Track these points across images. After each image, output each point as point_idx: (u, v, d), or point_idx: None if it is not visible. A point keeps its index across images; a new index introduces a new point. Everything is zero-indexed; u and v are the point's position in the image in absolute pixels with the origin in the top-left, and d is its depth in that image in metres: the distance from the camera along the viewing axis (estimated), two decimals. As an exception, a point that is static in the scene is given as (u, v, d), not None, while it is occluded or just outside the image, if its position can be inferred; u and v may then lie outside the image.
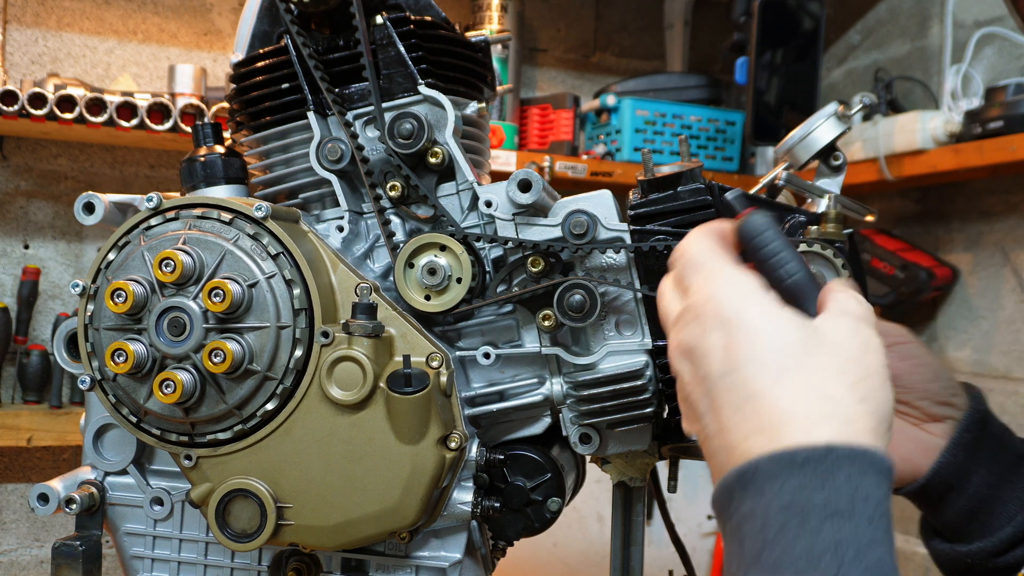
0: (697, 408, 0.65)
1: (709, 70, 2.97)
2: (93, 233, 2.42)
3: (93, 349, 0.90)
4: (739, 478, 0.60)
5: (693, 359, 0.65)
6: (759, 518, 0.58)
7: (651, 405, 0.93)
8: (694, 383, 0.65)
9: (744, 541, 0.59)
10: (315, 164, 0.96)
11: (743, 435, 0.61)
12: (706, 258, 0.68)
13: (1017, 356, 2.37)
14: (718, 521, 0.64)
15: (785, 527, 0.57)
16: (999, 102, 2.13)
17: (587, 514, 2.93)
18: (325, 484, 0.88)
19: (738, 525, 0.60)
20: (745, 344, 0.62)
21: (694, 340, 0.65)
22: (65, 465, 2.44)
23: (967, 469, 0.90)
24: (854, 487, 0.57)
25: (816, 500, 0.57)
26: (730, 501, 0.61)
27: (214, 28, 2.54)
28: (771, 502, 0.57)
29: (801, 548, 0.56)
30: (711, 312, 0.64)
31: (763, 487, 0.58)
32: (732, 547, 0.60)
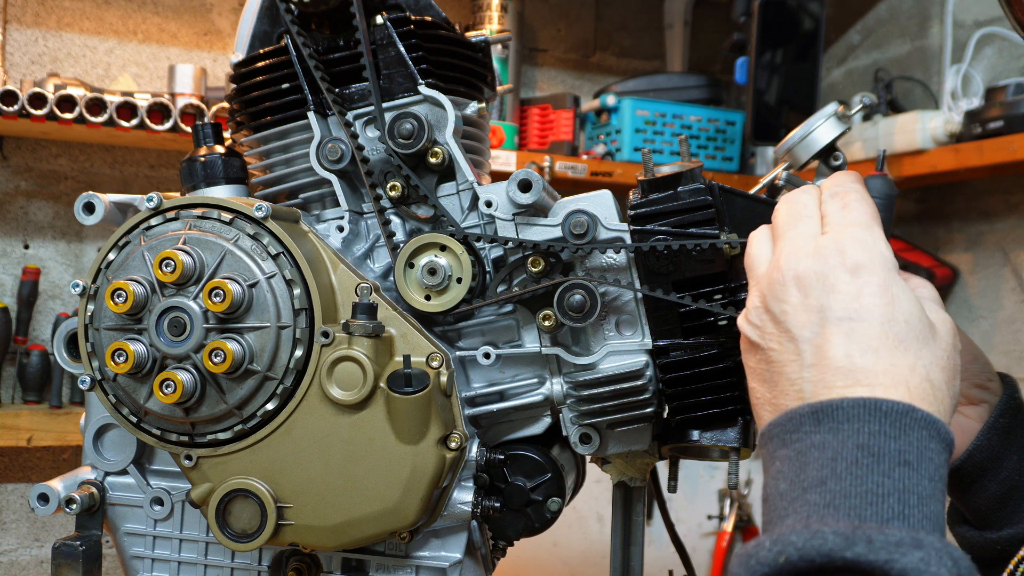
0: (795, 331, 0.68)
1: (709, 70, 2.97)
2: (93, 233, 2.42)
3: (93, 349, 0.90)
4: (815, 412, 0.64)
5: (813, 285, 0.68)
6: (831, 449, 0.62)
7: (651, 405, 0.93)
8: (803, 307, 0.68)
9: (807, 466, 0.62)
10: (315, 164, 0.96)
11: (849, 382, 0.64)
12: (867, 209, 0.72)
13: (1017, 356, 2.37)
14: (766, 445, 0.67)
15: (858, 463, 0.61)
16: (999, 102, 2.13)
17: (587, 514, 2.93)
18: (325, 484, 0.88)
19: (802, 451, 0.63)
20: (877, 301, 0.66)
21: (827, 268, 0.68)
22: (65, 465, 2.44)
23: (1001, 454, 0.90)
24: (923, 446, 0.62)
25: (891, 447, 0.61)
26: (797, 429, 0.64)
27: (214, 28, 2.54)
28: (847, 439, 0.62)
29: (870, 484, 0.60)
30: (855, 254, 0.68)
31: (841, 425, 0.62)
32: (786, 470, 0.64)
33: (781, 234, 0.73)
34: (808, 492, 0.62)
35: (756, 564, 0.59)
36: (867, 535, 0.57)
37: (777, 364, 0.69)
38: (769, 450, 0.67)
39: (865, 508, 0.59)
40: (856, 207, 0.72)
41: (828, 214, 0.72)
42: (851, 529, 0.57)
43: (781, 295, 0.69)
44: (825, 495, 0.61)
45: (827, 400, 0.64)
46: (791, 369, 0.68)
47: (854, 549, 0.56)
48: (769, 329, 0.70)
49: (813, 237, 0.71)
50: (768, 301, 0.70)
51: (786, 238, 0.72)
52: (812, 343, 0.67)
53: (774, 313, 0.70)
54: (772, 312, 0.70)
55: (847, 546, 0.56)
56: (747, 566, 0.59)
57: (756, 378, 0.71)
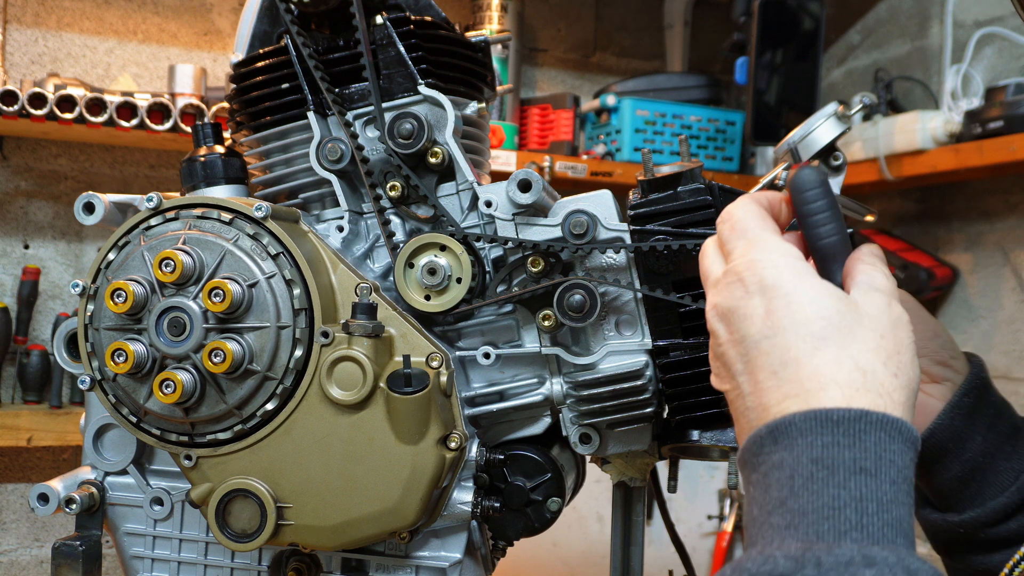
0: (731, 367, 0.68)
1: (709, 70, 2.97)
2: (93, 233, 2.41)
3: (93, 349, 0.90)
4: (772, 432, 0.63)
5: (731, 320, 0.68)
6: (788, 468, 0.61)
7: (651, 405, 0.93)
8: (730, 343, 0.69)
9: (770, 488, 0.62)
10: (315, 164, 0.96)
11: (779, 397, 0.64)
12: (751, 224, 0.71)
13: (1017, 356, 2.37)
14: (743, 473, 0.67)
15: (813, 477, 0.60)
16: (999, 102, 2.13)
17: (587, 514, 2.93)
18: (325, 484, 0.88)
19: (765, 474, 0.63)
20: (786, 311, 0.66)
21: (734, 302, 0.68)
22: (65, 465, 2.44)
23: (963, 434, 0.89)
24: (881, 450, 0.60)
25: (845, 457, 0.60)
26: (759, 451, 0.64)
27: (214, 28, 2.54)
28: (802, 454, 0.61)
29: (826, 498, 0.59)
30: (753, 277, 0.68)
31: (795, 440, 0.62)
32: (757, 495, 0.63)
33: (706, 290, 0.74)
34: (772, 515, 0.61)
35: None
36: (816, 557, 0.56)
37: (733, 402, 0.70)
38: (744, 476, 0.67)
39: (821, 523, 0.59)
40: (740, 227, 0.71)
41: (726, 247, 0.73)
42: (801, 551, 0.57)
43: (717, 337, 0.71)
44: (785, 515, 0.60)
45: (780, 417, 0.63)
46: (739, 404, 0.68)
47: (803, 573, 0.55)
48: (721, 373, 0.71)
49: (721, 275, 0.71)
50: (713, 348, 0.72)
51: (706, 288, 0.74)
52: (745, 374, 0.67)
53: (717, 355, 0.71)
54: (716, 354, 0.71)
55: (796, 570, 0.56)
56: None
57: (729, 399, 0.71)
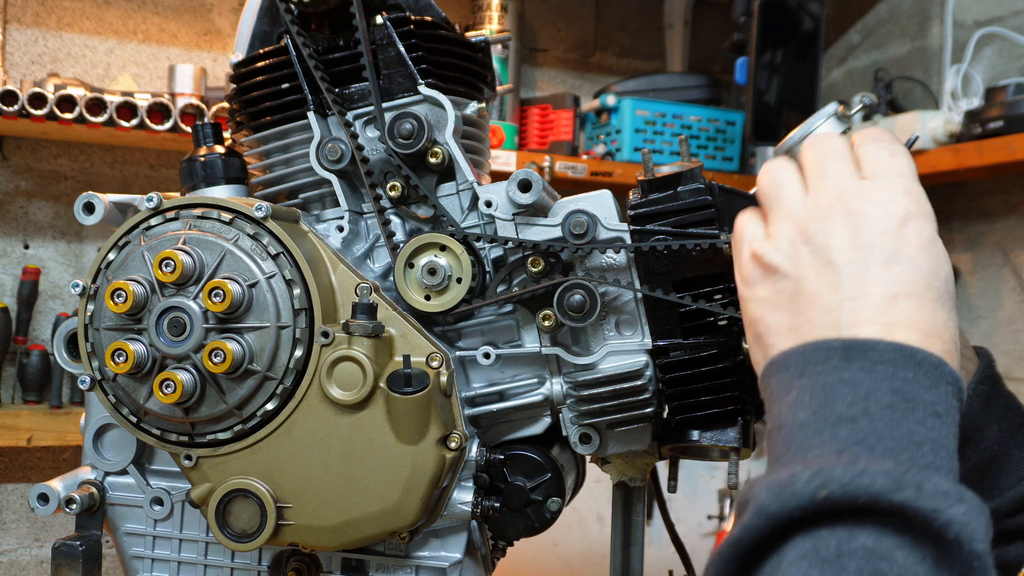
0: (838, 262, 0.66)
1: (709, 70, 2.97)
2: (93, 233, 2.41)
3: (93, 349, 0.90)
4: (848, 348, 0.63)
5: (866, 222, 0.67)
6: (864, 388, 0.61)
7: (651, 405, 0.93)
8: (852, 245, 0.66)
9: (835, 401, 0.61)
10: (315, 164, 0.96)
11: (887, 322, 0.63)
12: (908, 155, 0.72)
13: (1017, 356, 2.37)
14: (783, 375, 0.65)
15: (893, 406, 0.60)
16: (999, 102, 2.13)
17: (587, 514, 2.93)
18: (325, 484, 0.88)
19: (828, 385, 0.62)
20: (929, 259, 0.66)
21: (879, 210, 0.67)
22: (65, 465, 2.44)
23: (981, 423, 0.89)
24: (951, 402, 0.62)
25: (925, 397, 0.60)
26: (824, 361, 0.63)
27: (214, 28, 2.54)
28: (882, 381, 0.61)
29: (905, 429, 0.59)
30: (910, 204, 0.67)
31: (876, 366, 0.61)
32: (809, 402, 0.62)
33: (819, 173, 0.71)
34: (837, 427, 0.60)
35: (791, 496, 0.56)
36: (917, 481, 0.55)
37: (809, 293, 0.67)
38: (782, 378, 0.65)
39: (901, 452, 0.58)
40: (904, 158, 0.71)
41: (873, 161, 0.71)
42: (900, 471, 0.55)
43: (828, 229, 0.68)
44: (857, 432, 0.59)
45: (862, 338, 0.62)
46: (829, 299, 0.66)
47: (903, 493, 0.54)
48: (805, 260, 0.68)
49: (858, 179, 0.70)
50: (810, 233, 0.68)
51: (828, 177, 0.70)
52: (856, 277, 0.65)
53: (816, 245, 0.68)
54: (814, 244, 0.68)
55: (896, 489, 0.54)
56: (779, 496, 0.56)
57: (770, 307, 0.69)
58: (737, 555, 0.57)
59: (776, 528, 0.56)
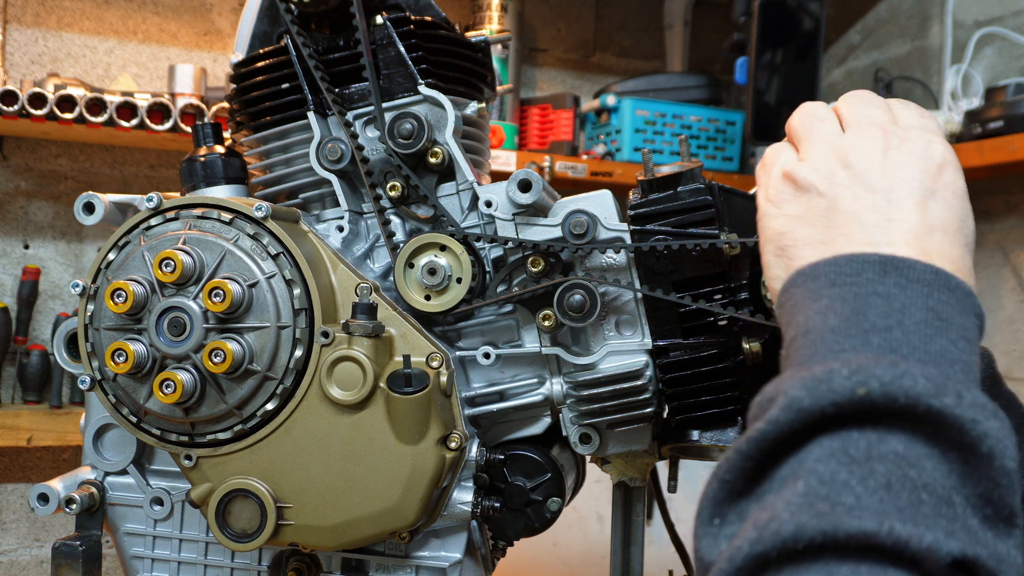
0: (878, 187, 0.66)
1: (709, 70, 2.97)
2: (93, 233, 2.41)
3: (93, 349, 0.90)
4: (884, 262, 0.62)
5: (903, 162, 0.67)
6: (899, 302, 0.60)
7: (651, 405, 0.93)
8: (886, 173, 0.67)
9: (868, 311, 0.60)
10: (315, 164, 0.96)
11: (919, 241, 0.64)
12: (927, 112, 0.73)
13: (1017, 356, 2.37)
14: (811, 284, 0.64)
15: (928, 323, 0.59)
16: (999, 102, 2.13)
17: (587, 514, 2.93)
18: (325, 484, 0.88)
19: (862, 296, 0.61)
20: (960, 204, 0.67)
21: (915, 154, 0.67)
22: (65, 465, 2.44)
23: None
24: (977, 333, 0.62)
25: (957, 320, 0.60)
26: (858, 272, 0.62)
27: (214, 28, 2.54)
28: (916, 298, 0.60)
29: (940, 345, 0.58)
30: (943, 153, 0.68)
31: (912, 283, 0.61)
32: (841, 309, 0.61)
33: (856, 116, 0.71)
34: (870, 334, 0.58)
35: (828, 391, 0.54)
36: (958, 390, 0.54)
37: (845, 211, 0.66)
38: (810, 287, 0.64)
39: (935, 366, 0.57)
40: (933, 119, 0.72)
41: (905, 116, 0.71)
42: (942, 379, 0.54)
43: (868, 156, 0.68)
44: (891, 341, 0.58)
45: (900, 256, 0.62)
46: (868, 217, 0.65)
47: (943, 399, 0.53)
48: (842, 180, 0.68)
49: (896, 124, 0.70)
50: (849, 159, 0.68)
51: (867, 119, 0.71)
52: (895, 203, 0.65)
53: (856, 169, 0.68)
54: (853, 168, 0.68)
55: (937, 394, 0.53)
56: (814, 391, 0.54)
57: (799, 222, 0.68)
58: (758, 451, 0.55)
59: (806, 424, 0.54)
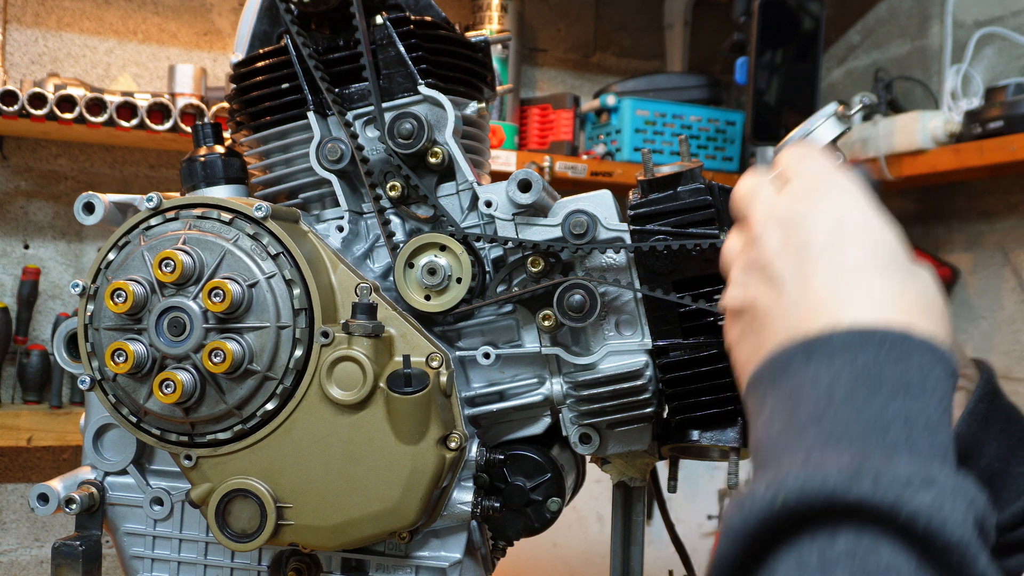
0: (777, 273, 0.65)
1: (709, 70, 2.97)
2: (93, 233, 2.41)
3: (93, 349, 0.90)
4: (805, 347, 0.60)
5: (793, 226, 0.66)
6: (825, 382, 0.57)
7: (651, 405, 0.93)
8: (783, 248, 0.65)
9: (800, 405, 0.58)
10: (315, 164, 0.96)
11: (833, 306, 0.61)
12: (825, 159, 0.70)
13: (1017, 356, 2.37)
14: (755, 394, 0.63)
15: (854, 394, 0.56)
16: (999, 102, 2.13)
17: (587, 514, 2.93)
18: (325, 484, 0.88)
19: (793, 390, 0.59)
20: (860, 230, 0.64)
21: (803, 211, 0.66)
22: (65, 465, 2.44)
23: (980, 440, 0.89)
24: (927, 371, 0.57)
25: (891, 373, 0.57)
26: (786, 368, 0.61)
27: (214, 28, 2.54)
28: (842, 369, 0.57)
29: (870, 414, 0.55)
30: (830, 192, 0.66)
31: (835, 356, 0.58)
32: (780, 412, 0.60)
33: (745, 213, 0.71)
34: (804, 431, 0.56)
35: (751, 510, 0.53)
36: (873, 470, 0.51)
37: (762, 313, 0.66)
38: (757, 396, 0.63)
39: (867, 439, 0.54)
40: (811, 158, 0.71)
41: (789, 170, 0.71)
42: (855, 464, 0.52)
43: (762, 246, 0.67)
44: (823, 432, 0.56)
45: (814, 335, 0.60)
46: (777, 311, 0.64)
47: (859, 488, 0.51)
48: (753, 285, 0.67)
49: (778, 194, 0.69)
50: (749, 260, 0.68)
51: (754, 208, 0.70)
52: (796, 279, 0.64)
53: (759, 265, 0.67)
54: (756, 266, 0.67)
55: (851, 484, 0.51)
56: (741, 511, 0.54)
57: (741, 344, 0.68)
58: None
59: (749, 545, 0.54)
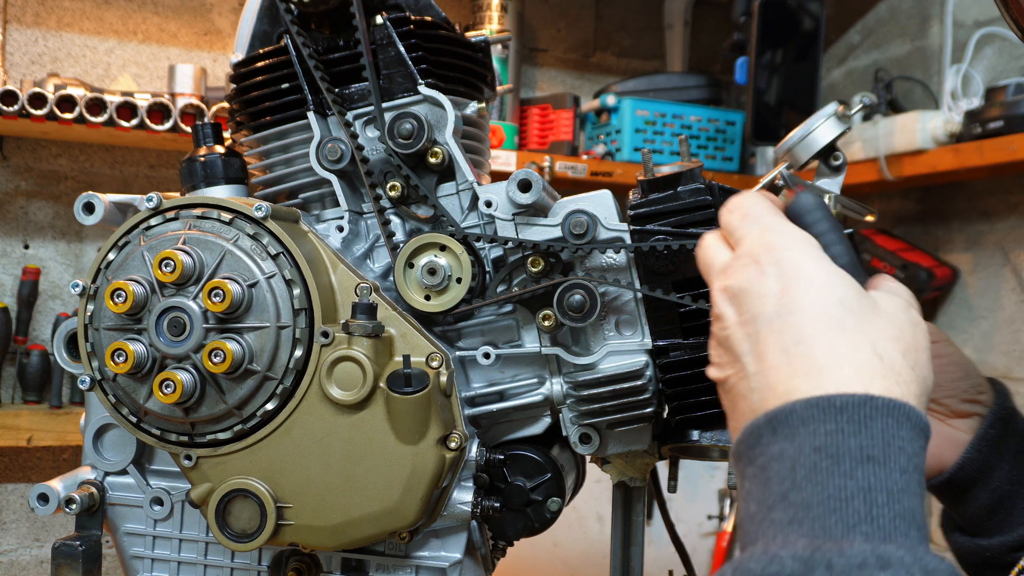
0: (736, 349, 0.66)
1: (709, 70, 2.97)
2: (93, 233, 2.41)
3: (93, 349, 0.90)
4: (770, 421, 0.60)
5: (743, 300, 0.66)
6: (789, 459, 0.58)
7: (651, 405, 0.93)
8: (738, 324, 0.66)
9: (770, 482, 0.59)
10: (315, 164, 0.96)
11: (786, 377, 0.61)
12: (765, 212, 0.69)
13: (1017, 356, 2.37)
14: (737, 468, 0.64)
15: (816, 468, 0.57)
16: (999, 102, 2.13)
17: (587, 514, 2.93)
18: (325, 484, 0.88)
19: (763, 467, 0.60)
20: (804, 291, 0.63)
21: (748, 283, 0.66)
22: (65, 465, 2.44)
23: (990, 465, 0.91)
24: (889, 436, 0.57)
25: (851, 444, 0.57)
26: (757, 443, 0.61)
27: (214, 28, 2.54)
28: (804, 444, 0.58)
29: (832, 489, 0.56)
30: (770, 258, 0.65)
31: (797, 430, 0.59)
32: (754, 489, 0.60)
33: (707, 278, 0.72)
34: (773, 510, 0.58)
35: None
36: (827, 559, 0.52)
37: (732, 389, 0.66)
38: (739, 471, 0.64)
39: (828, 516, 0.55)
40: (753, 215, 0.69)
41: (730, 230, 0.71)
42: (810, 551, 0.53)
43: (722, 320, 0.68)
44: (788, 510, 0.57)
45: (779, 407, 0.60)
46: (742, 387, 0.65)
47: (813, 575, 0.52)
48: (723, 359, 0.68)
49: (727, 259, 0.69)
50: (716, 333, 0.69)
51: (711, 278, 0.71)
52: (752, 353, 0.64)
53: (720, 339, 0.68)
54: (719, 339, 0.68)
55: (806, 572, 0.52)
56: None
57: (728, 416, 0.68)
58: None
59: None
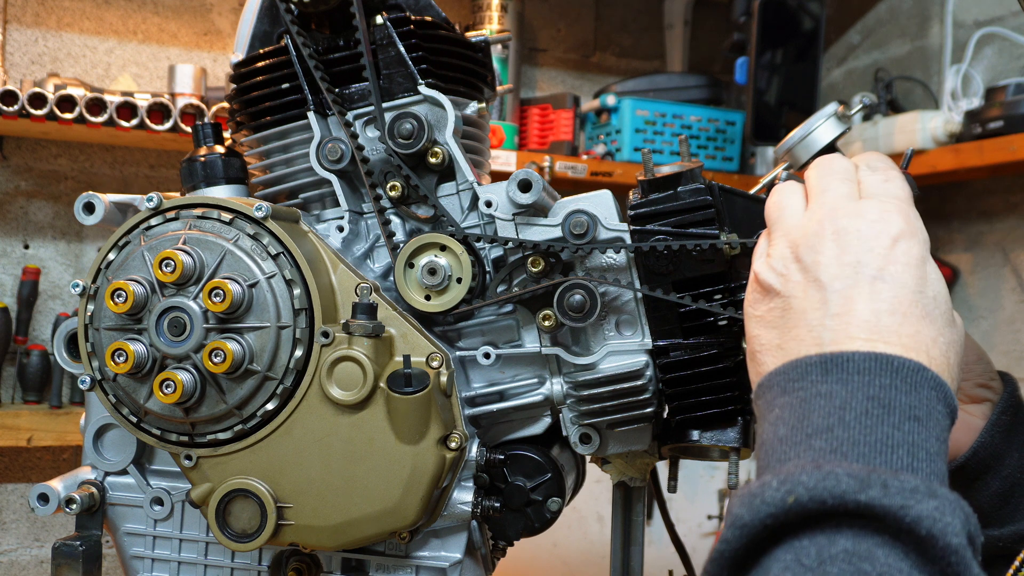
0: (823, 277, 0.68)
1: (709, 70, 2.97)
2: (93, 233, 2.42)
3: (93, 349, 0.90)
4: (825, 362, 0.64)
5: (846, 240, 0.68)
6: (839, 399, 0.61)
7: (651, 405, 0.93)
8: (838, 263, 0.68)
9: (812, 414, 0.62)
10: (315, 164, 0.96)
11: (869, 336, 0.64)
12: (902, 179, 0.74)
13: (1017, 356, 2.37)
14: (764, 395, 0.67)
15: (868, 413, 0.60)
16: (999, 102, 2.13)
17: (587, 514, 2.93)
18: (325, 484, 0.88)
19: (805, 399, 0.63)
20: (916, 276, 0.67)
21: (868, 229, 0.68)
22: (65, 465, 2.44)
23: (1003, 451, 0.91)
24: (932, 406, 0.62)
25: (902, 401, 0.61)
26: (802, 378, 0.64)
27: (214, 28, 2.54)
28: (857, 390, 0.61)
29: (880, 435, 0.59)
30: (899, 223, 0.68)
31: (852, 376, 0.62)
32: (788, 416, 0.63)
33: (818, 191, 0.73)
34: (813, 438, 0.60)
35: (761, 504, 0.56)
36: (882, 479, 0.55)
37: (797, 311, 0.68)
38: (767, 399, 0.67)
39: (874, 457, 0.58)
40: (899, 183, 0.73)
41: (869, 184, 0.73)
42: (865, 472, 0.56)
43: (817, 246, 0.69)
44: (831, 442, 0.60)
45: (838, 351, 0.63)
46: (813, 316, 0.67)
47: (868, 492, 0.55)
48: (795, 277, 0.70)
49: (854, 199, 0.71)
50: (800, 250, 0.70)
51: (825, 195, 0.72)
52: (841, 294, 0.66)
53: (805, 263, 0.69)
54: (803, 262, 0.69)
55: (861, 488, 0.55)
56: (751, 506, 0.57)
57: (764, 325, 0.71)
58: (719, 570, 0.58)
59: (753, 539, 0.57)
